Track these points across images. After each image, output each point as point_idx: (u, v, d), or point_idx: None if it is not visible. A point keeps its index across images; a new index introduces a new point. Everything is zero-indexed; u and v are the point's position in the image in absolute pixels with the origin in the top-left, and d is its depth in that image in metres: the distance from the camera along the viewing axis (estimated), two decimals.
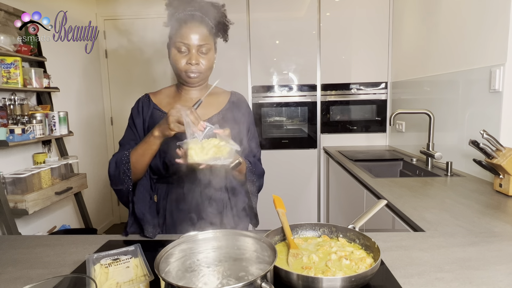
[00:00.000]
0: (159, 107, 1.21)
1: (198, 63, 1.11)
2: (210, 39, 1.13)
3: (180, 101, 1.21)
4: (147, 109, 1.21)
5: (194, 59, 1.10)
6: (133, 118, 1.21)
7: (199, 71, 1.13)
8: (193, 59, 1.10)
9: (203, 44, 1.10)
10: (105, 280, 0.75)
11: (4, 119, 2.07)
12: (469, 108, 1.80)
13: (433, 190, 1.53)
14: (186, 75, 1.13)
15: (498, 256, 0.87)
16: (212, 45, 1.14)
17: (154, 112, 1.21)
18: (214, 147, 0.89)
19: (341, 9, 2.97)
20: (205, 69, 1.14)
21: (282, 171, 3.10)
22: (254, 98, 3.08)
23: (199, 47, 1.10)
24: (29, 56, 2.33)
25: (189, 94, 1.21)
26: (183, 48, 1.10)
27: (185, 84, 1.18)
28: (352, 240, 0.88)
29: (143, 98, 1.25)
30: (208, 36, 1.12)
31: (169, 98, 1.23)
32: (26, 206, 2.04)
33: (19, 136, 2.09)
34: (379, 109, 3.05)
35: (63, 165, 2.49)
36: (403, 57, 2.72)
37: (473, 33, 1.77)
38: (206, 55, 1.12)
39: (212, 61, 1.16)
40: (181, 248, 0.76)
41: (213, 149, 0.88)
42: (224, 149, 0.89)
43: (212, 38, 1.14)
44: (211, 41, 1.13)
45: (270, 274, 0.64)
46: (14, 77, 2.16)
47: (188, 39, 1.09)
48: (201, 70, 1.13)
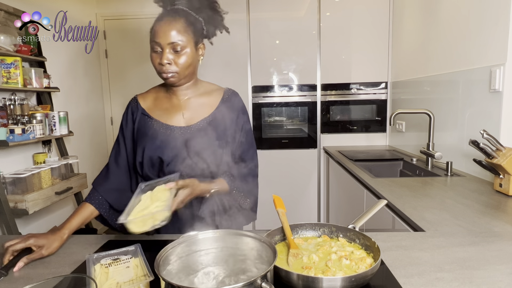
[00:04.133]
0: (147, 113, 1.16)
1: (171, 63, 1.05)
2: (185, 36, 1.04)
3: (167, 103, 1.16)
4: (136, 115, 1.17)
5: (165, 59, 1.03)
6: (122, 129, 1.18)
7: (174, 71, 1.06)
8: (164, 58, 1.03)
9: (175, 42, 1.03)
10: (105, 280, 0.75)
11: (4, 119, 2.07)
12: (469, 108, 1.80)
13: (433, 190, 1.53)
14: (161, 76, 1.08)
15: (498, 256, 0.87)
16: (188, 42, 1.05)
17: (142, 118, 1.17)
18: (151, 219, 0.86)
19: (341, 9, 2.97)
20: (181, 69, 1.06)
21: (282, 171, 3.10)
22: (254, 98, 3.08)
23: (172, 46, 1.03)
24: (29, 56, 2.33)
25: (176, 94, 1.15)
26: (156, 47, 1.05)
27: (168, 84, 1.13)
28: (352, 240, 0.88)
29: (132, 102, 1.21)
30: (182, 33, 1.04)
31: (157, 100, 1.18)
32: (26, 206, 2.04)
33: (19, 136, 2.09)
34: (379, 109, 3.05)
35: (63, 165, 2.49)
36: (403, 57, 2.72)
37: (473, 33, 1.77)
38: (180, 53, 1.05)
39: (189, 60, 1.07)
40: (181, 248, 0.76)
41: (150, 220, 0.86)
42: (160, 215, 0.86)
43: (188, 35, 1.05)
44: (187, 38, 1.05)
45: (270, 274, 0.64)
46: (14, 77, 2.16)
47: (159, 37, 1.03)
48: (175, 70, 1.05)
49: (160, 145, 1.11)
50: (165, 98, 1.17)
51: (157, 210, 0.86)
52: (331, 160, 2.78)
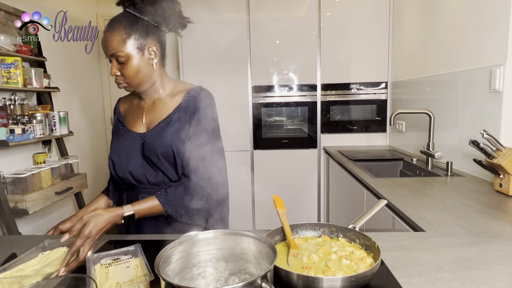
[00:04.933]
0: (122, 117, 1.18)
1: (118, 74, 1.03)
2: (125, 46, 0.99)
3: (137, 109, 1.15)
4: (115, 118, 1.20)
5: (112, 72, 1.03)
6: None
7: (124, 82, 1.05)
8: (111, 71, 1.03)
9: (114, 54, 1.00)
10: (105, 280, 0.75)
11: (4, 119, 2.07)
12: (469, 108, 1.80)
13: (433, 190, 1.53)
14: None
15: (498, 256, 0.87)
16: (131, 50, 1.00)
17: (117, 122, 1.18)
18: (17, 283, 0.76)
19: (341, 9, 2.97)
20: (129, 79, 1.03)
21: (282, 171, 3.10)
22: (254, 98, 3.08)
23: (115, 57, 1.01)
24: (29, 56, 2.33)
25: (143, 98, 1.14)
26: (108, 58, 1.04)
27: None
28: (352, 240, 0.88)
29: (116, 104, 1.23)
30: (121, 43, 0.99)
31: (132, 105, 1.18)
32: (26, 206, 2.04)
33: (19, 136, 2.09)
34: (379, 109, 3.05)
35: (63, 165, 2.49)
36: (403, 57, 2.72)
37: (473, 33, 1.77)
38: (125, 64, 1.01)
39: (134, 69, 1.02)
40: (181, 248, 0.76)
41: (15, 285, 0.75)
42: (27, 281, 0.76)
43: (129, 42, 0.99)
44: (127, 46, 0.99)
45: (270, 274, 0.64)
46: (14, 77, 2.16)
47: (103, 49, 1.02)
48: (124, 80, 1.04)
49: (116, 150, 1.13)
50: (137, 102, 1.17)
51: (27, 274, 0.78)
52: (331, 160, 2.78)
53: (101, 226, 0.91)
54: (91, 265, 0.80)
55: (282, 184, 3.10)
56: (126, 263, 0.82)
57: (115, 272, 0.78)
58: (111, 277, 0.76)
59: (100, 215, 0.92)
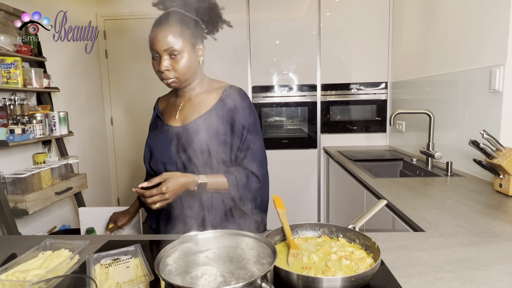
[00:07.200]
0: (160, 113, 1.22)
1: (169, 69, 1.05)
2: (181, 40, 1.04)
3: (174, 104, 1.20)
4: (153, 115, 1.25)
5: (163, 66, 1.04)
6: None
7: (173, 77, 1.07)
8: (162, 66, 1.04)
9: (170, 48, 1.03)
10: (105, 280, 0.75)
11: (4, 119, 2.07)
12: (469, 108, 1.80)
13: (433, 190, 1.53)
14: (163, 82, 1.09)
15: (498, 256, 0.87)
16: (184, 46, 1.05)
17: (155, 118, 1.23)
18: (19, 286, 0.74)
19: (341, 9, 2.97)
20: (180, 74, 1.07)
21: (282, 171, 3.10)
22: (254, 98, 3.08)
23: (168, 52, 1.03)
24: (29, 56, 2.33)
25: (181, 94, 1.18)
26: (154, 54, 1.06)
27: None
28: (352, 240, 0.88)
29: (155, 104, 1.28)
30: (177, 37, 1.03)
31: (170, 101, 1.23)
32: (26, 206, 2.04)
33: (19, 136, 2.09)
34: (379, 109, 3.05)
35: (63, 165, 2.48)
36: (403, 57, 2.72)
37: (473, 33, 1.77)
38: (177, 58, 1.05)
39: (187, 64, 1.06)
40: (181, 248, 0.76)
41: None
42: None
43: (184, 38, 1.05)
44: (182, 42, 1.04)
45: (270, 274, 0.64)
46: (14, 77, 2.16)
47: (155, 44, 1.04)
48: (174, 75, 1.07)
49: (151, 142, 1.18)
50: (174, 100, 1.21)
51: (30, 279, 0.76)
52: (331, 160, 2.78)
53: (177, 187, 0.98)
54: (91, 265, 0.80)
55: (282, 184, 3.10)
56: (126, 263, 0.82)
57: (115, 272, 0.78)
58: (111, 277, 0.76)
59: (178, 177, 0.99)
